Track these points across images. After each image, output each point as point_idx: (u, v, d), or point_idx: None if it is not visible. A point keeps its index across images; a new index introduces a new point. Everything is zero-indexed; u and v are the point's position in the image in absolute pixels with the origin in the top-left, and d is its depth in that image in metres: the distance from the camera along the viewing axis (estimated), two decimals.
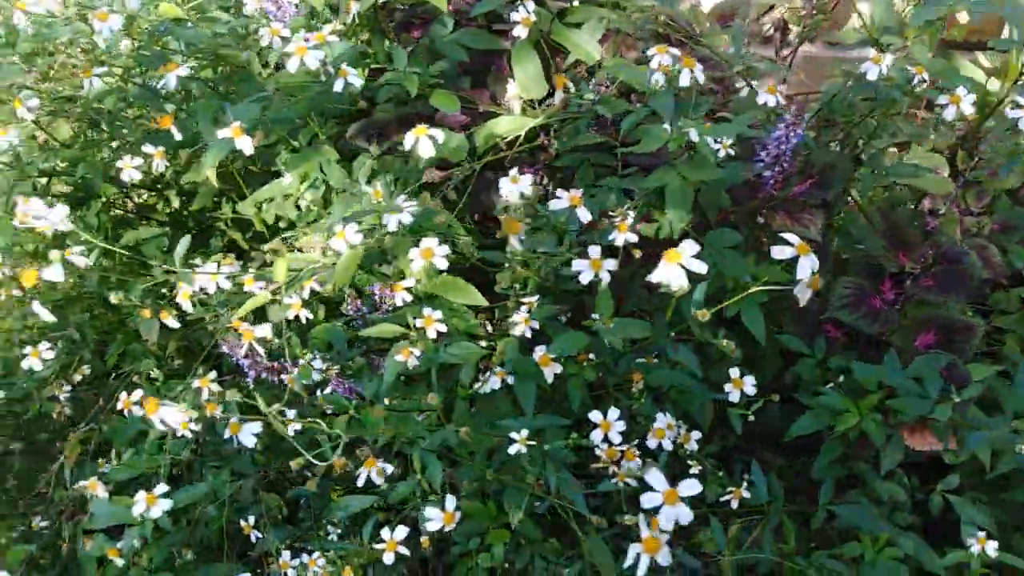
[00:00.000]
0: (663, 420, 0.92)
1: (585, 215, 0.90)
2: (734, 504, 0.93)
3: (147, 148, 1.07)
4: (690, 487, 0.62)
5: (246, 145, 0.92)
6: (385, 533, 0.85)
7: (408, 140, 0.93)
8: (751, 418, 0.99)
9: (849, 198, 1.22)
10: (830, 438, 1.07)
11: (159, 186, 1.52)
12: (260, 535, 1.13)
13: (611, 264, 0.86)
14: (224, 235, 1.55)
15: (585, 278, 0.87)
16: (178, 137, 1.06)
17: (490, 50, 1.17)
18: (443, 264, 0.83)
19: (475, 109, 1.18)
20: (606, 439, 0.87)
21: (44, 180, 1.25)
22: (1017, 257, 1.15)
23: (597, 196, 1.00)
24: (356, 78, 0.96)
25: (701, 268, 0.69)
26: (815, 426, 1.05)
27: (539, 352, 0.92)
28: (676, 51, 0.94)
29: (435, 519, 0.82)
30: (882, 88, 0.98)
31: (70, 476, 1.24)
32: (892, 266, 1.09)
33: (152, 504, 0.89)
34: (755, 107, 1.07)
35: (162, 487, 0.91)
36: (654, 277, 0.68)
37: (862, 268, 1.16)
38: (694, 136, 0.90)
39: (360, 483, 0.83)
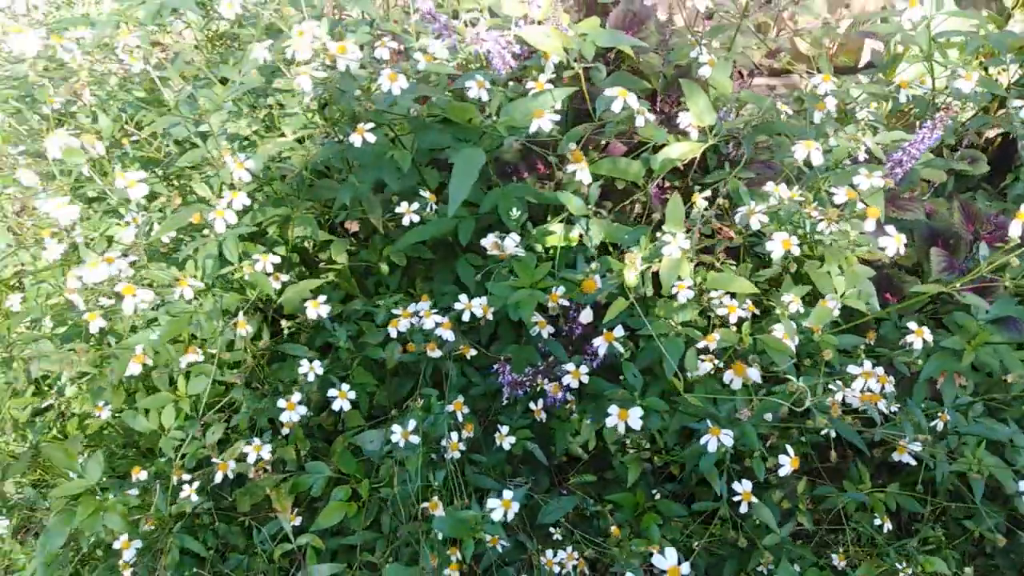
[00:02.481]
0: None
1: None
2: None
3: (424, 192, 1.14)
4: None
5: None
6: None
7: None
8: None
9: None
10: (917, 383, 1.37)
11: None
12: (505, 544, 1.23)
13: None
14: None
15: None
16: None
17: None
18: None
19: (631, 139, 1.38)
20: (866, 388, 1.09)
21: None
22: None
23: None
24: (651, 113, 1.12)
25: None
26: (943, 367, 1.34)
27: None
28: (834, 80, 1.20)
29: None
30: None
31: (291, 529, 1.25)
32: (966, 235, 1.43)
33: (508, 507, 0.97)
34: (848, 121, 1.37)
35: (508, 492, 1.00)
36: None
37: (927, 239, 1.49)
38: (870, 144, 1.16)
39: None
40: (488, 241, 1.00)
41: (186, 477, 1.20)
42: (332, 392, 1.16)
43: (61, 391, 1.65)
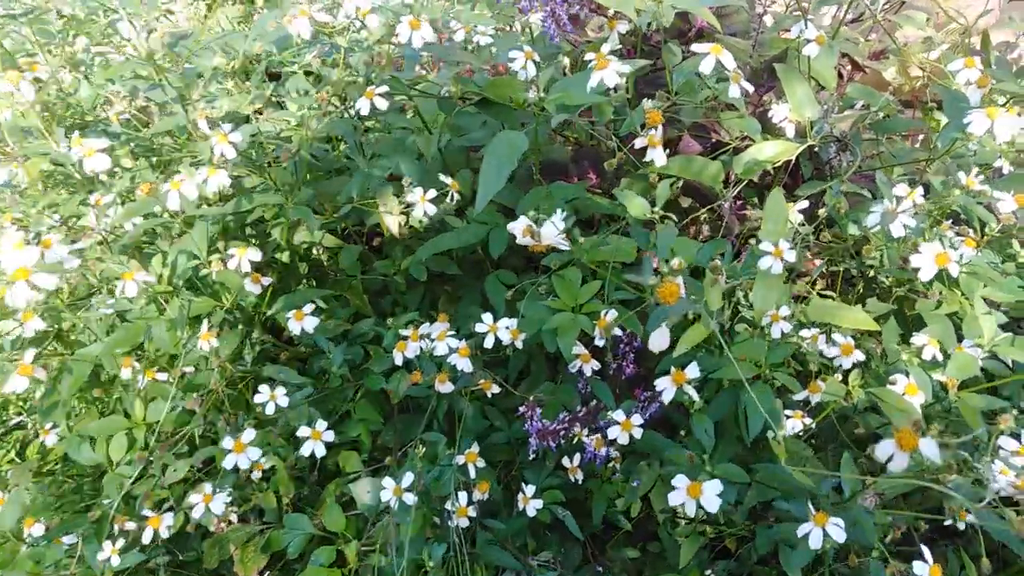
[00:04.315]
0: None
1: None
2: None
3: (444, 178, 0.90)
4: None
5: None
6: None
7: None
8: None
9: None
10: None
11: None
12: None
13: None
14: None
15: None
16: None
17: None
18: None
19: (707, 138, 1.13)
20: None
21: None
22: None
23: None
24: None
25: None
26: None
27: None
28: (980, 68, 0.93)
29: None
30: None
31: None
32: None
33: None
34: None
35: None
36: None
37: None
38: None
39: None
40: (518, 225, 0.74)
41: (131, 526, 0.96)
42: (303, 431, 0.91)
43: (32, 410, 1.45)
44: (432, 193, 0.93)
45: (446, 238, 1.16)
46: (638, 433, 0.88)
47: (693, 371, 0.75)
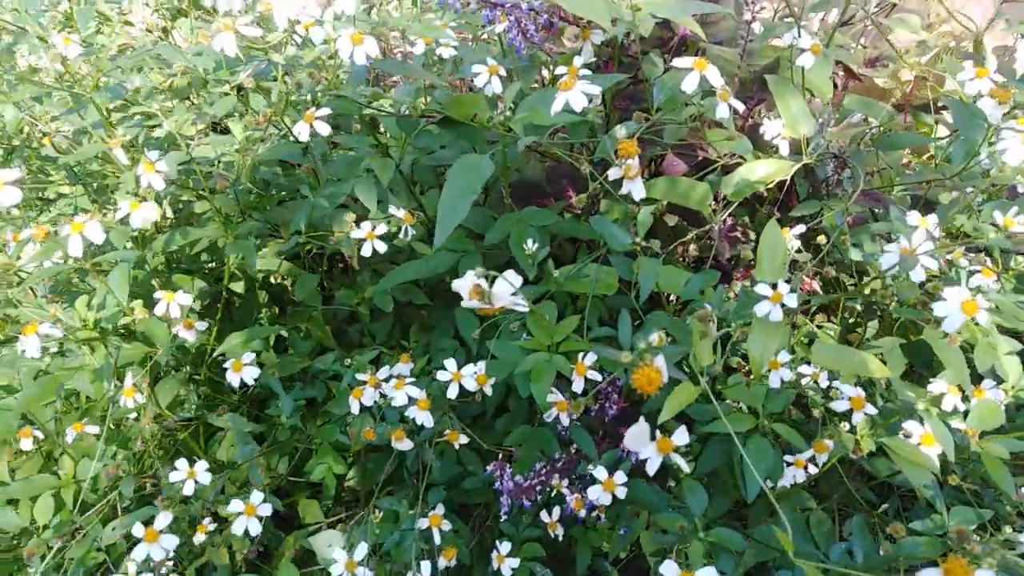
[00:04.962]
0: None
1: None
2: None
3: (393, 210, 0.80)
4: None
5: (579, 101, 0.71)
6: None
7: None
8: None
9: None
10: None
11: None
12: None
13: None
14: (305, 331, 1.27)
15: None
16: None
17: None
18: None
19: (693, 155, 1.03)
20: None
21: None
22: None
23: None
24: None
25: None
26: None
27: None
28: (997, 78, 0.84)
29: None
30: None
31: None
32: None
33: None
34: None
35: None
36: None
37: None
38: None
39: None
40: (463, 284, 0.63)
41: None
42: (234, 505, 0.81)
43: None
44: (383, 228, 0.83)
45: (412, 267, 1.06)
46: (622, 492, 0.78)
47: (682, 437, 0.65)
